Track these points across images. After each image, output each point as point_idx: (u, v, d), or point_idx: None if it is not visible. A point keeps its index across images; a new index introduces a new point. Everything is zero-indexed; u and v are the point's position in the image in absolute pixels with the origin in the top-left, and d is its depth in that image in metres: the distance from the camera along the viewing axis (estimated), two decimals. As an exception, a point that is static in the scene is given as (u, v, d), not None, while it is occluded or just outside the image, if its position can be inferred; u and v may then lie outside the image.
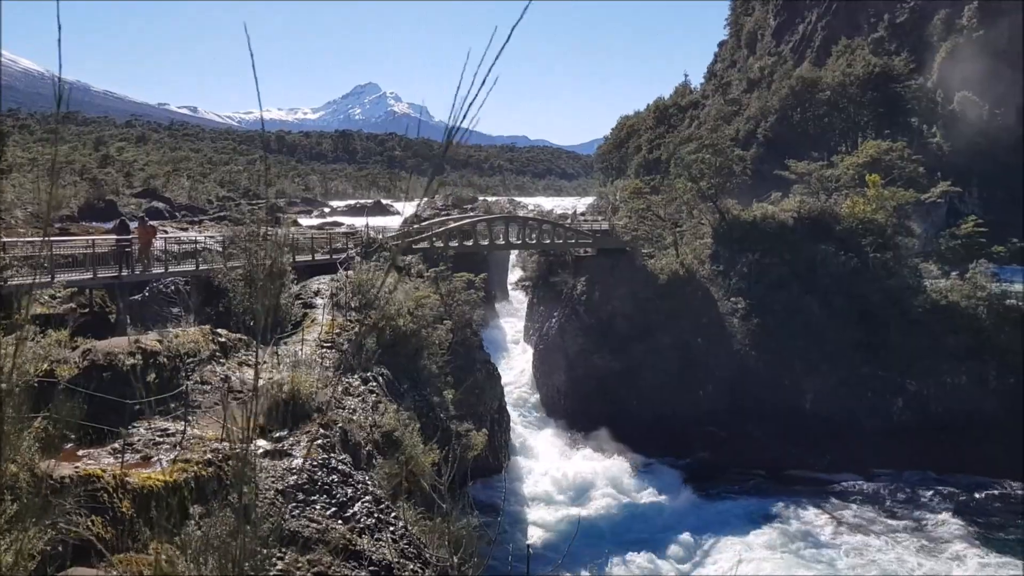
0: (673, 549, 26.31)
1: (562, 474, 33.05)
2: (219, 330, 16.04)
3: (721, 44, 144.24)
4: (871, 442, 33.74)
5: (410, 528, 11.29)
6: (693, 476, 32.72)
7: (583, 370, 37.62)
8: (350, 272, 23.87)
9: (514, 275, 58.02)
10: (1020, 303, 38.43)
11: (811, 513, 29.37)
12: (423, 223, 43.53)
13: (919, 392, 35.55)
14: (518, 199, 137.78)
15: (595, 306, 38.89)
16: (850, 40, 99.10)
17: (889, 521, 28.90)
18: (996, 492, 31.23)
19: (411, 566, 10.23)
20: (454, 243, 35.74)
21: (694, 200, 43.05)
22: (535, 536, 27.63)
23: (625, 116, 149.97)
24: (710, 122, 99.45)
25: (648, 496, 31.05)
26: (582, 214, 59.10)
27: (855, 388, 35.40)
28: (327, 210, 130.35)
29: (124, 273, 23.60)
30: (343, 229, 42.17)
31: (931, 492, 31.29)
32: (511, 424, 34.85)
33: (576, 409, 37.19)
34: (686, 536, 27.12)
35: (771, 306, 37.18)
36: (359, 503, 10.94)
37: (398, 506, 12.10)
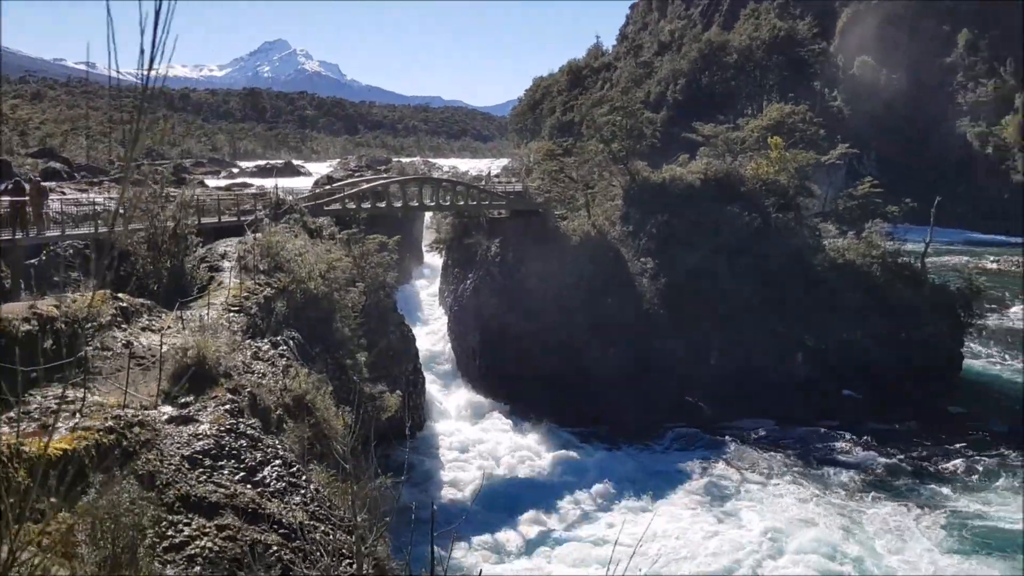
0: (582, 506, 26.97)
1: (474, 434, 33.52)
2: (120, 295, 15.58)
3: (632, 6, 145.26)
4: (774, 395, 35.19)
5: (321, 490, 11.35)
6: (603, 433, 33.53)
7: (497, 331, 37.97)
8: (259, 234, 23.40)
9: (428, 237, 57.74)
10: (912, 261, 40.59)
11: (718, 467, 30.48)
12: (335, 184, 42.82)
13: (818, 347, 37.26)
14: (433, 160, 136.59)
15: (509, 267, 39.17)
16: (757, 4, 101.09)
17: (792, 471, 30.12)
18: (892, 440, 32.88)
19: (322, 528, 10.32)
20: (367, 205, 35.34)
21: (606, 162, 43.63)
22: (445, 495, 28.01)
23: (539, 77, 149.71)
24: (622, 84, 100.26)
25: (557, 454, 31.74)
26: (496, 176, 59.13)
27: (758, 344, 36.81)
28: (235, 171, 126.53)
29: (18, 236, 22.55)
30: (252, 190, 41.09)
31: (831, 442, 32.70)
32: (426, 385, 35.03)
33: (490, 370, 37.60)
34: (595, 493, 27.81)
35: (679, 266, 38.18)
36: (269, 467, 10.93)
37: (309, 469, 12.13)
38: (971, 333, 41.41)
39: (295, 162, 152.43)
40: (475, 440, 32.95)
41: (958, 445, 31.87)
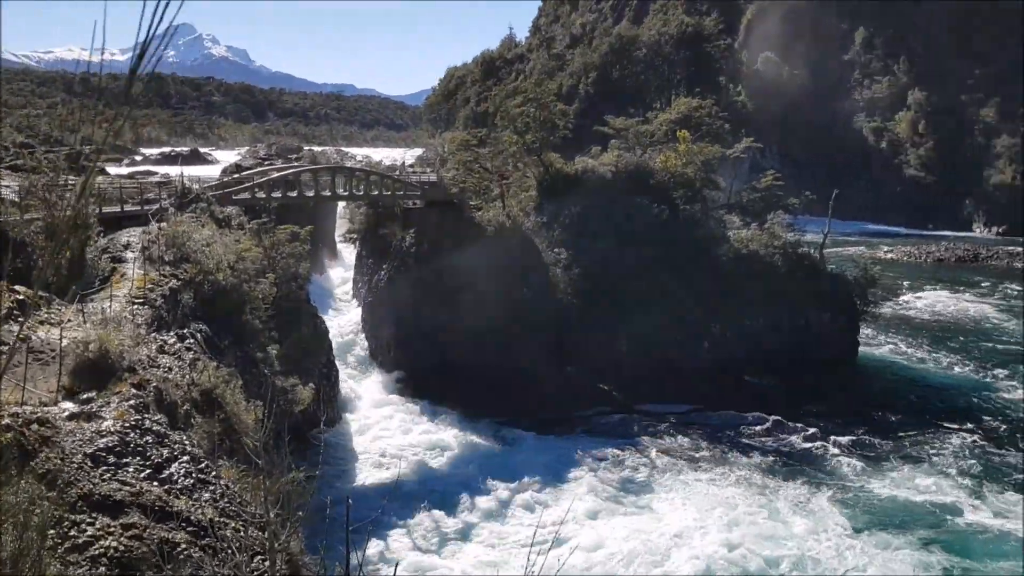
0: (499, 497, 27.10)
1: (390, 426, 33.38)
2: (17, 287, 14.93)
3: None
4: (683, 382, 36.19)
5: (232, 487, 11.18)
6: (519, 423, 33.77)
7: (412, 322, 37.84)
8: (164, 224, 22.72)
9: (342, 227, 57.03)
10: (811, 251, 42.32)
11: (633, 453, 31.04)
12: (244, 172, 41.82)
13: (724, 334, 38.51)
14: (346, 149, 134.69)
15: (424, 258, 39.05)
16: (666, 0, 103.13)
17: (704, 455, 30.85)
18: (796, 424, 34.12)
19: (233, 524, 10.17)
20: (277, 194, 34.67)
21: (520, 153, 43.93)
22: (361, 489, 27.84)
23: (453, 68, 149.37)
24: (535, 76, 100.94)
25: (474, 445, 31.91)
26: (411, 166, 58.81)
27: (667, 332, 37.79)
28: (139, 158, 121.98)
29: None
30: (156, 179, 39.77)
31: (739, 427, 33.67)
32: (340, 378, 34.67)
33: (405, 361, 37.46)
34: (511, 483, 27.96)
35: (591, 256, 38.81)
36: (176, 464, 10.70)
37: (219, 465, 11.93)
38: (866, 320, 43.50)
39: (202, 150, 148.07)
40: (391, 432, 32.82)
41: (856, 427, 33.43)
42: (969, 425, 33.67)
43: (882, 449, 31.51)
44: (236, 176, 39.26)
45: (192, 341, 16.68)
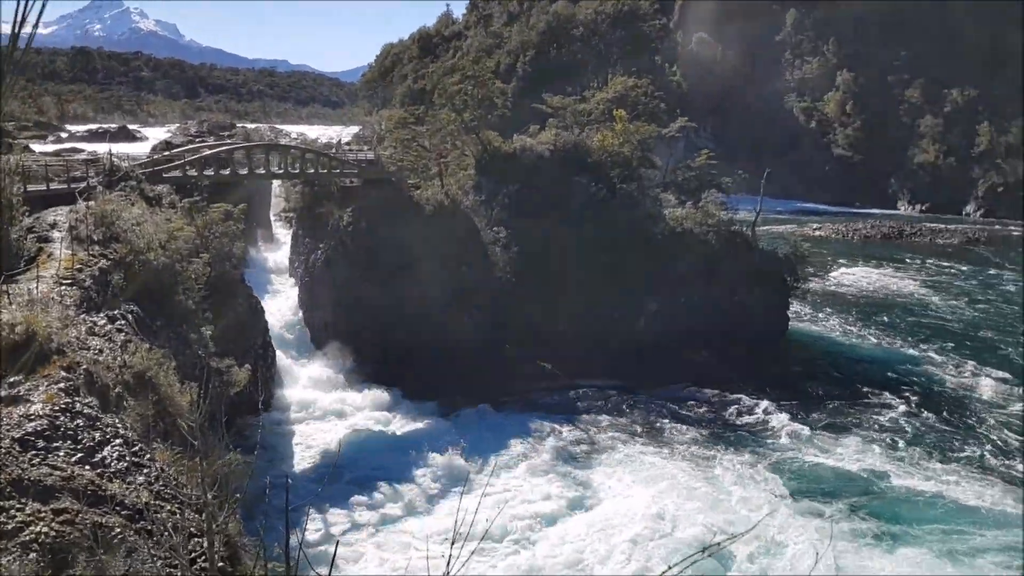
0: (440, 475, 27.21)
1: (329, 406, 33.19)
2: (-67, 270, 14.39)
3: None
4: (621, 359, 36.71)
5: (166, 469, 11.04)
6: (460, 402, 33.88)
7: (351, 302, 37.54)
8: (92, 203, 22.07)
9: (277, 206, 56.07)
10: (744, 229, 43.23)
11: (574, 429, 31.47)
12: (175, 150, 40.76)
13: (658, 311, 39.17)
14: (280, 127, 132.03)
15: (362, 237, 38.68)
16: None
17: (643, 430, 31.46)
18: (730, 398, 35.05)
19: (168, 507, 10.06)
20: (210, 172, 33.91)
21: (458, 131, 43.73)
22: (300, 470, 27.69)
23: (389, 44, 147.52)
24: (472, 54, 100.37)
25: (415, 424, 31.97)
26: (347, 144, 58.00)
27: (604, 309, 38.28)
28: (64, 135, 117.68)
29: None
30: (83, 156, 38.46)
31: (677, 401, 34.42)
32: (277, 358, 34.27)
33: (344, 341, 37.18)
34: (453, 461, 28.11)
35: (529, 235, 38.99)
36: (109, 447, 10.53)
37: (153, 448, 11.76)
38: (796, 296, 44.74)
39: (131, 127, 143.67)
40: (330, 412, 32.63)
41: (788, 400, 34.49)
42: (895, 396, 35.03)
43: (814, 420, 32.60)
44: (167, 154, 38.22)
45: (123, 322, 16.33)
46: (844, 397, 35.01)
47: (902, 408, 33.81)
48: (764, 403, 34.23)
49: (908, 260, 67.12)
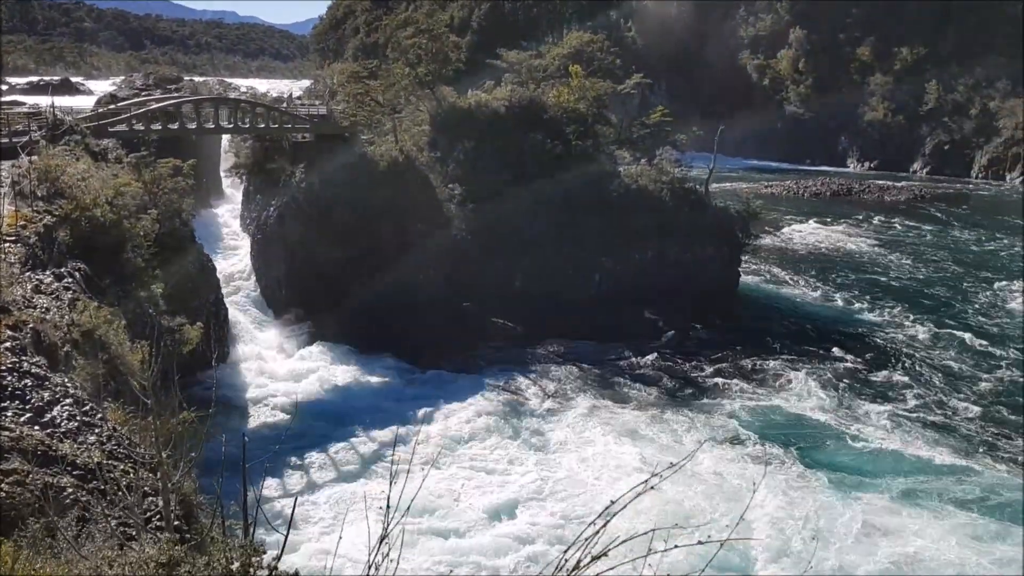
0: (395, 432, 27.12)
1: (284, 364, 33.00)
2: None
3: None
4: (577, 315, 36.97)
5: (119, 429, 10.92)
6: (415, 359, 33.88)
7: (304, 259, 37.15)
8: (35, 158, 21.43)
9: (227, 162, 54.90)
10: (697, 186, 43.60)
11: (524, 386, 31.67)
12: (121, 104, 39.59)
13: (614, 268, 39.49)
14: (229, 80, 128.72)
15: (315, 194, 38.14)
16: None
17: (599, 386, 31.84)
18: (686, 352, 35.57)
19: (121, 467, 9.97)
20: (157, 126, 33.08)
21: (412, 86, 43.12)
22: (255, 426, 27.58)
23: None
24: (426, 7, 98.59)
25: (369, 381, 31.94)
26: (299, 98, 56.84)
27: (560, 266, 38.46)
28: (3, 87, 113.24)
29: None
30: (25, 109, 37.11)
31: (632, 357, 34.75)
32: (230, 316, 33.88)
33: (297, 298, 36.88)
34: (408, 418, 28.16)
35: (486, 191, 38.84)
36: (58, 407, 10.38)
37: (104, 407, 11.61)
38: (748, 252, 45.44)
39: (73, 79, 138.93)
40: (285, 371, 32.45)
41: (740, 354, 35.14)
42: (842, 349, 35.94)
43: (765, 373, 33.39)
44: (112, 107, 37.09)
45: (71, 280, 15.99)
46: (793, 350, 35.85)
47: (849, 359, 34.75)
48: (716, 355, 34.95)
49: (856, 217, 68.40)
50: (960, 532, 21.59)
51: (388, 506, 4.59)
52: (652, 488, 4.53)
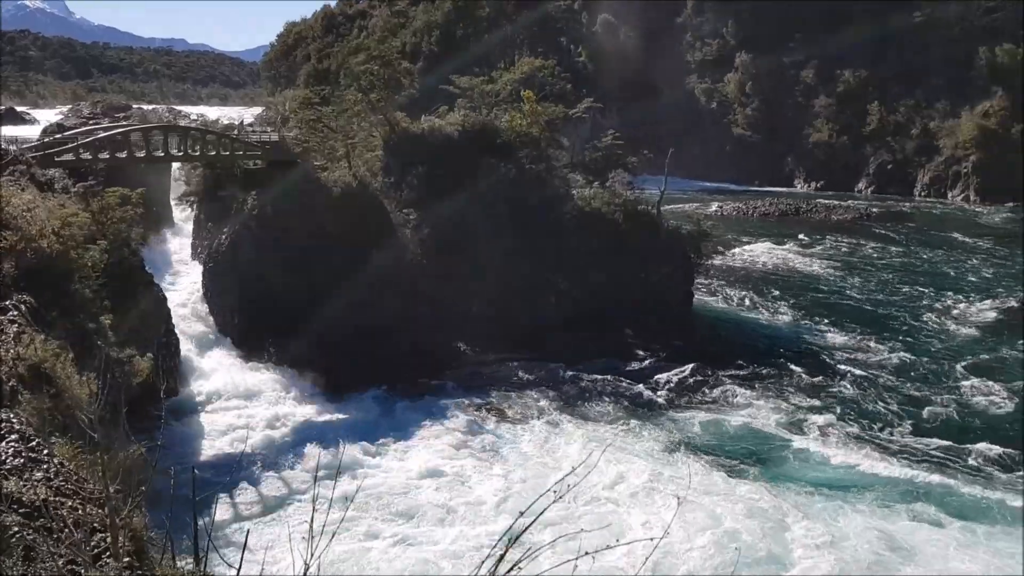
0: (350, 456, 26.98)
1: (237, 393, 32.54)
2: None
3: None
4: (533, 338, 37.17)
5: (66, 464, 10.71)
6: (371, 386, 33.64)
7: (257, 288, 36.76)
8: (-25, 190, 20.99)
9: (178, 189, 54.22)
10: (649, 208, 44.23)
11: (482, 409, 31.55)
12: (68, 132, 39.02)
13: (569, 290, 39.80)
14: (179, 108, 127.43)
15: (268, 221, 37.87)
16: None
17: (556, 406, 31.99)
18: (642, 372, 36.04)
19: (69, 503, 9.78)
20: (105, 155, 32.65)
21: (365, 112, 43.21)
22: (206, 457, 27.15)
23: (292, 23, 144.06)
24: (377, 33, 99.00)
25: (325, 408, 31.65)
26: (250, 125, 56.56)
27: (516, 289, 38.63)
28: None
29: None
30: (-35, 140, 36.39)
31: (585, 377, 34.97)
32: (181, 347, 33.36)
33: (251, 328, 36.44)
34: (364, 445, 28.06)
35: (440, 216, 38.95)
36: (3, 443, 10.16)
37: (51, 442, 11.38)
38: (699, 273, 46.14)
39: (18, 108, 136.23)
40: (238, 400, 31.99)
41: (694, 372, 35.61)
42: (794, 365, 36.65)
43: (718, 390, 34.00)
44: (58, 136, 36.55)
45: (16, 313, 15.68)
46: (746, 366, 36.46)
47: (799, 375, 35.47)
48: (669, 375, 35.45)
49: (802, 237, 69.81)
50: (893, 536, 22.34)
51: (311, 535, 4.63)
52: (560, 499, 4.64)
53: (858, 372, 36.01)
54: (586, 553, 4.54)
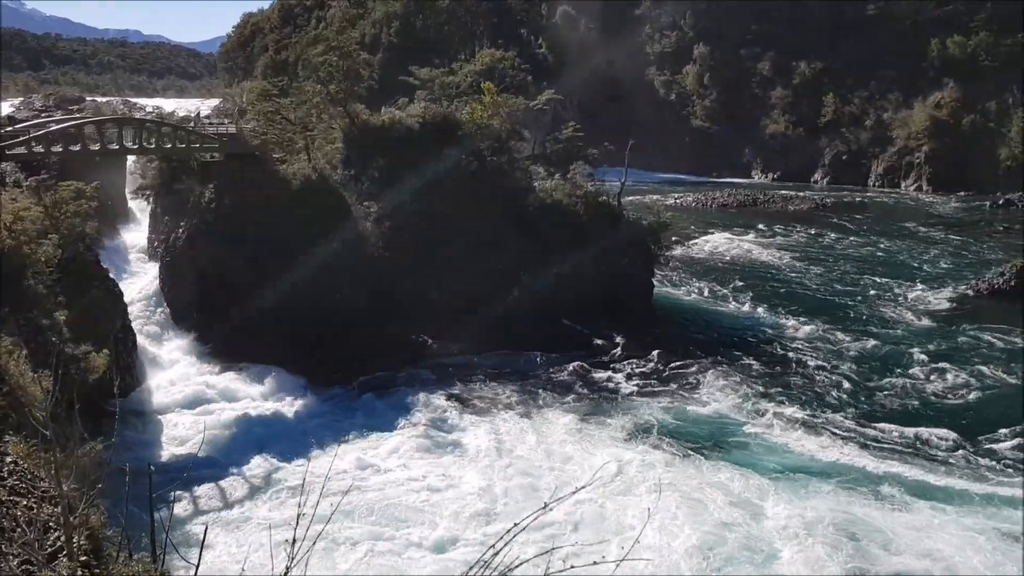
0: (306, 453, 26.72)
1: (196, 389, 32.16)
2: None
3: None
4: (495, 330, 37.23)
5: (20, 463, 10.54)
6: (333, 381, 33.45)
7: (216, 282, 36.35)
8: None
9: (133, 183, 53.32)
10: (610, 200, 44.51)
11: (445, 401, 31.57)
12: (19, 125, 38.11)
13: (532, 282, 39.87)
14: (135, 100, 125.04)
15: (226, 214, 37.43)
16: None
17: (519, 397, 32.20)
18: (603, 361, 36.38)
19: (24, 502, 9.64)
20: (58, 148, 31.92)
21: (324, 104, 42.82)
22: (166, 455, 26.83)
23: (249, 13, 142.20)
24: (336, 24, 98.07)
25: (284, 405, 31.39)
26: (207, 117, 55.69)
27: (478, 281, 38.59)
28: None
29: None
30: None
31: (548, 369, 35.32)
32: (138, 342, 32.89)
33: (209, 323, 36.02)
34: (324, 438, 27.85)
35: (401, 209, 38.80)
36: (-46, 442, 9.96)
37: (5, 441, 11.20)
38: (660, 264, 46.57)
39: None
40: (196, 395, 31.62)
41: (654, 361, 36.11)
42: (752, 355, 37.21)
43: (680, 378, 34.42)
44: (9, 129, 35.61)
45: (-36, 311, 15.35)
46: (706, 355, 36.93)
47: (757, 364, 36.05)
48: (634, 362, 35.86)
49: (760, 227, 70.70)
50: (864, 520, 22.77)
51: (294, 540, 4.62)
52: (551, 509, 4.67)
53: (817, 360, 36.66)
54: (572, 567, 4.58)
